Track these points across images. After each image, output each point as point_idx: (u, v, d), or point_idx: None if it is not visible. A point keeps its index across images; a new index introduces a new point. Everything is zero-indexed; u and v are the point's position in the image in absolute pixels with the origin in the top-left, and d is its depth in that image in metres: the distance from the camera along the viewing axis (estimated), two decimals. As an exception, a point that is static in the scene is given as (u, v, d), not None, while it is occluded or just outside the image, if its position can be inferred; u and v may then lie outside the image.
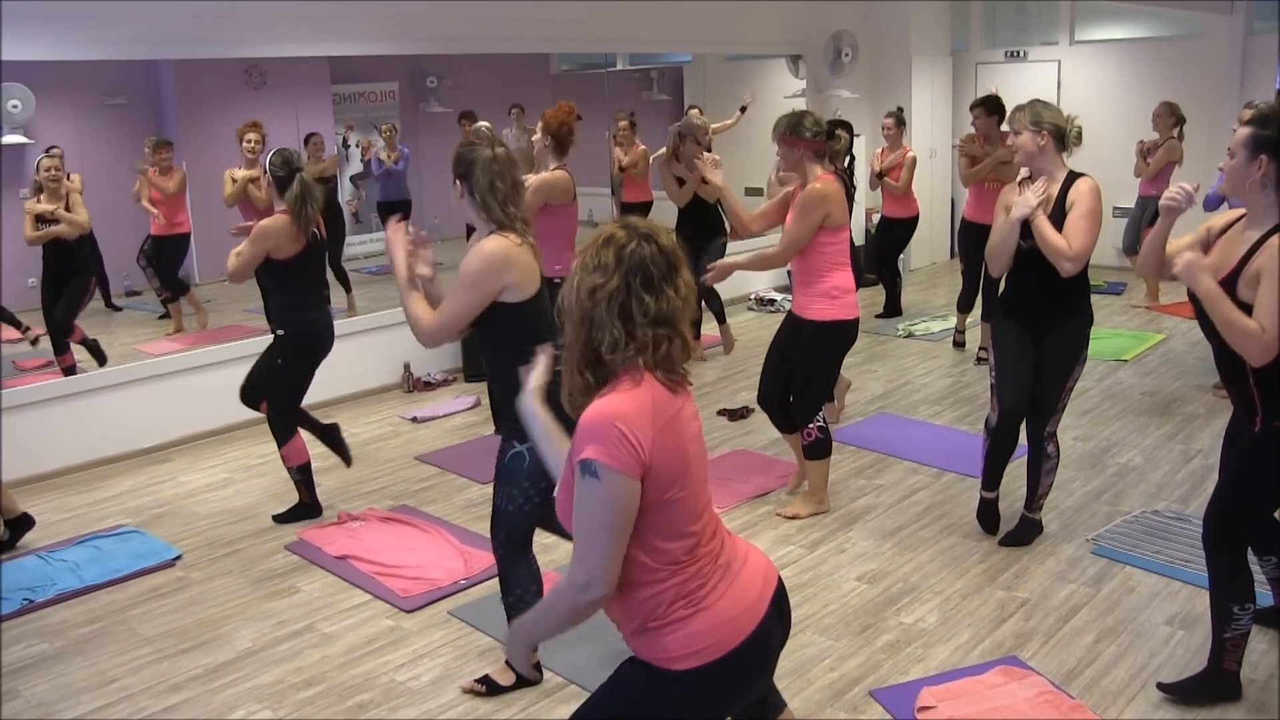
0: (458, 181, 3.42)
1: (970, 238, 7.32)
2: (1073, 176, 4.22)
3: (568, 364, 2.15)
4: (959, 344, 7.96)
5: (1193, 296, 3.18)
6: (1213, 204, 6.59)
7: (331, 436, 5.48)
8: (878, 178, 8.49)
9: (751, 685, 2.24)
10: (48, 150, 6.69)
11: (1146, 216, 8.66)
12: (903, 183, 8.39)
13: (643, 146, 9.20)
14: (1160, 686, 3.46)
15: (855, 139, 8.23)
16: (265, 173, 4.92)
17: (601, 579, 2.06)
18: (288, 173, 4.84)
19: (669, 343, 2.12)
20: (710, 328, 8.01)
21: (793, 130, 4.67)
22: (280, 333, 4.96)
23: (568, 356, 2.15)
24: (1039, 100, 4.37)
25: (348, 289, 8.50)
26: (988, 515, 4.74)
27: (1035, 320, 4.38)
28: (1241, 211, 3.24)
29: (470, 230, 5.45)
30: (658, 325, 2.10)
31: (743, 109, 9.35)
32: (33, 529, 5.05)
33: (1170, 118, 8.44)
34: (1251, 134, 3.08)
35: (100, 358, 6.80)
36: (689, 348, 2.19)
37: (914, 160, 8.44)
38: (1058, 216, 4.16)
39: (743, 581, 2.21)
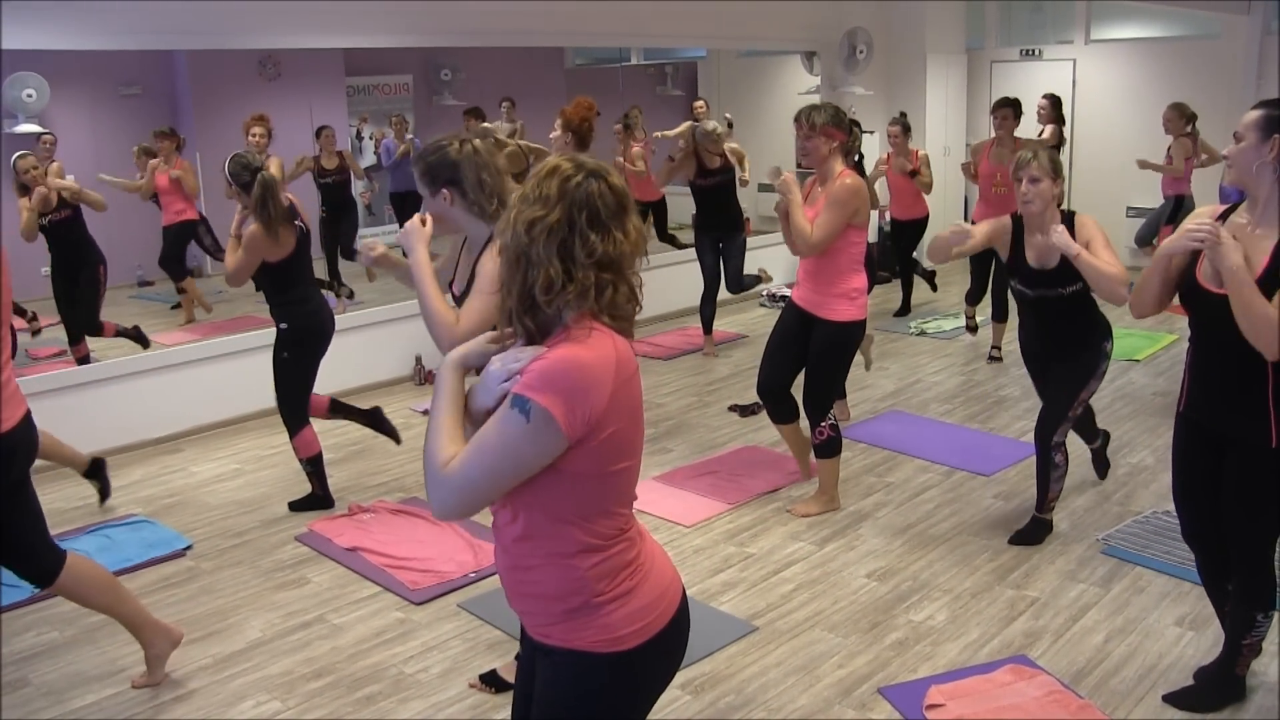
0: (445, 190, 3.06)
1: None
2: (1070, 216, 4.29)
3: (503, 313, 1.97)
4: (972, 329, 8.02)
5: (1187, 301, 3.11)
6: (1232, 197, 6.54)
7: (377, 420, 5.60)
8: (910, 175, 8.50)
9: (685, 647, 2.14)
10: (23, 154, 6.69)
11: (1165, 215, 8.64)
12: (930, 179, 8.44)
13: (637, 147, 9.18)
14: (1167, 698, 3.44)
15: (867, 135, 8.25)
16: (228, 182, 4.80)
17: (465, 497, 1.90)
18: (251, 175, 4.73)
19: (613, 289, 1.92)
20: (722, 325, 8.03)
21: (836, 122, 4.63)
22: (283, 326, 4.97)
23: (503, 304, 1.96)
24: (1047, 149, 4.38)
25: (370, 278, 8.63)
26: None
27: (1055, 354, 4.48)
28: (1224, 208, 3.15)
29: None
30: (601, 268, 1.90)
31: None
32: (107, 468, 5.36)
33: (1180, 119, 8.41)
34: (1265, 115, 2.98)
35: (143, 342, 6.86)
36: (635, 297, 1.98)
37: (927, 157, 8.51)
38: (1062, 260, 4.22)
39: (651, 542, 2.13)
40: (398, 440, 5.69)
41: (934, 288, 9.55)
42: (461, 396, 1.99)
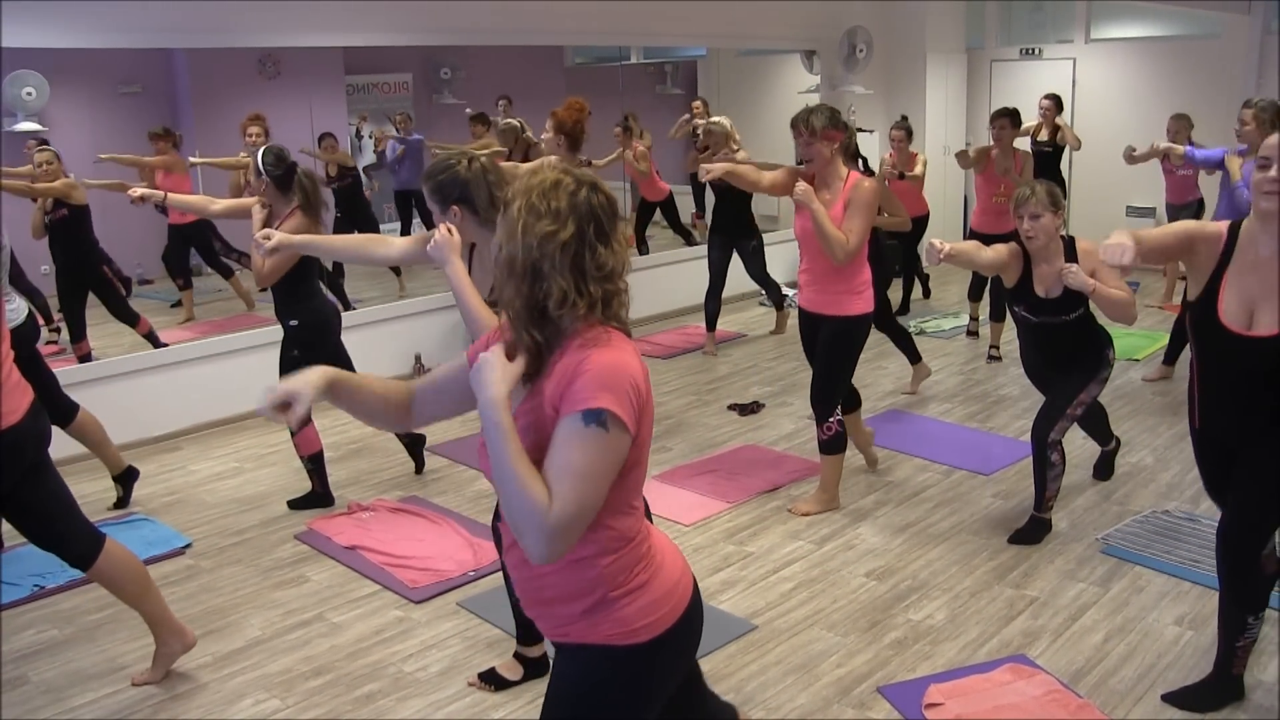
0: (455, 207, 3.26)
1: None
2: (1070, 243, 4.36)
3: (509, 323, 1.99)
4: (972, 333, 8.07)
5: (1202, 334, 3.11)
6: (1209, 163, 6.48)
7: (416, 446, 5.67)
8: (899, 177, 8.51)
9: (698, 643, 2.20)
10: (40, 144, 6.70)
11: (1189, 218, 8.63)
12: (921, 172, 8.47)
13: (642, 147, 9.19)
14: (1165, 698, 3.44)
15: (867, 135, 8.29)
16: (259, 174, 4.79)
17: (574, 533, 1.89)
18: (285, 170, 4.78)
19: (616, 298, 1.98)
20: (721, 323, 8.05)
21: (834, 123, 4.60)
22: (294, 323, 4.97)
23: (507, 314, 1.98)
24: (1041, 181, 4.44)
25: (397, 272, 8.73)
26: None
27: (1056, 372, 4.57)
28: (1220, 226, 3.10)
29: None
30: (605, 280, 1.96)
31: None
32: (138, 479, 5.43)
33: (1188, 130, 8.39)
34: None
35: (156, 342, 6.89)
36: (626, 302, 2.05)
37: (924, 162, 8.55)
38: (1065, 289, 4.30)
39: (660, 537, 2.16)
40: (419, 470, 5.68)
41: (927, 293, 9.54)
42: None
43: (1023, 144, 7.92)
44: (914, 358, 6.79)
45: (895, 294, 9.00)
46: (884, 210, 6.07)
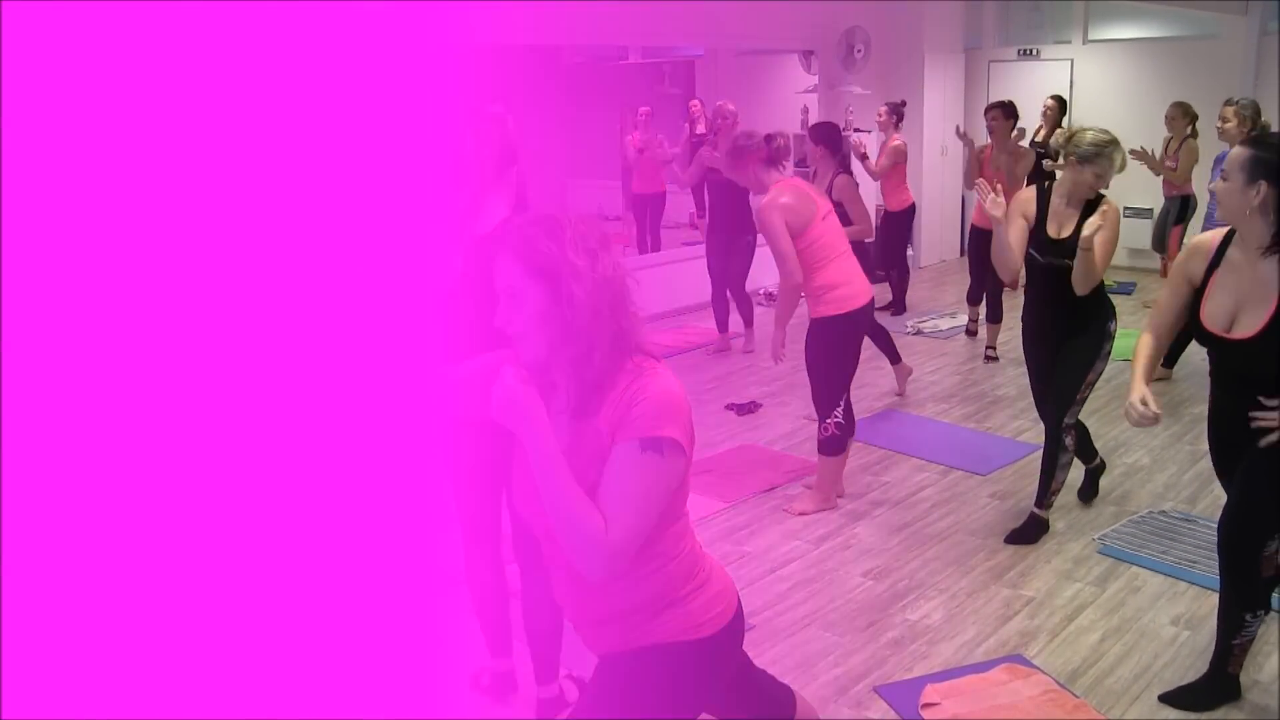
0: None
1: (979, 244, 7.26)
2: (1098, 197, 4.33)
3: (569, 369, 1.98)
4: (971, 333, 8.05)
5: (1198, 339, 3.19)
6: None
7: None
8: (863, 158, 8.43)
9: (743, 637, 2.28)
10: None
11: (1172, 216, 8.62)
12: (879, 168, 8.33)
13: (661, 135, 9.21)
14: (1162, 698, 3.45)
15: (865, 135, 8.27)
16: None
17: (630, 553, 1.93)
18: None
19: (637, 324, 2.02)
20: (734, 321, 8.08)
21: (731, 155, 4.81)
22: None
23: (587, 352, 1.95)
24: (1085, 129, 4.53)
25: None
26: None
27: (1057, 332, 4.46)
28: (1217, 234, 3.16)
29: None
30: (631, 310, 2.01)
31: None
32: None
33: (1184, 119, 8.37)
34: (1250, 156, 2.94)
35: None
36: None
37: (896, 149, 8.29)
38: (1075, 233, 4.24)
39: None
40: None
41: (905, 293, 9.27)
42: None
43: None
44: (893, 358, 6.76)
45: (883, 296, 9.00)
46: (848, 213, 6.07)
